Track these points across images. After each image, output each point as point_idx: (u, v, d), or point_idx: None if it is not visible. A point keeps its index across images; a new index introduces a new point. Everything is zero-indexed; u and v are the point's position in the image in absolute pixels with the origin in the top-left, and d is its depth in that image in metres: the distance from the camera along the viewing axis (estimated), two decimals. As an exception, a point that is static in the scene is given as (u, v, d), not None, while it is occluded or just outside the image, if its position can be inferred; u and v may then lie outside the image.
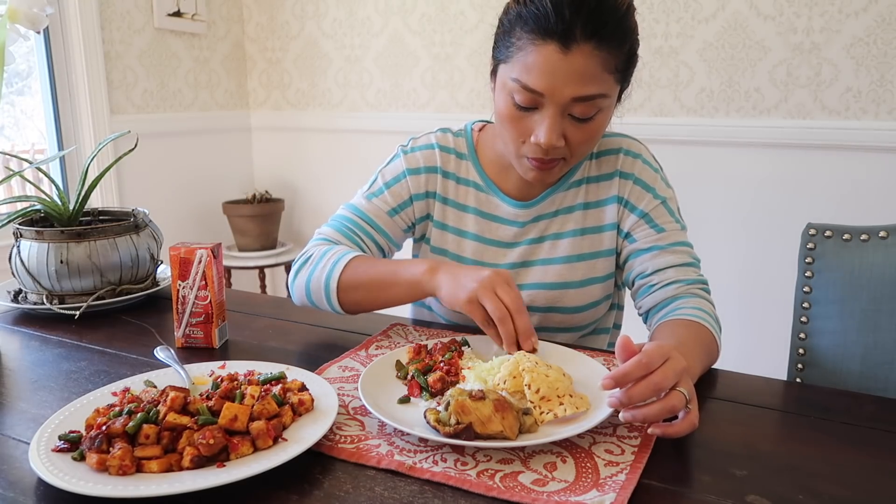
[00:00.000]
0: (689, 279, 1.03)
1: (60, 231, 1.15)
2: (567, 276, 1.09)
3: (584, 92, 0.91)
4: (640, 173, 1.08)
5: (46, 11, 0.99)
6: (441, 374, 0.83)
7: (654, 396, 0.70)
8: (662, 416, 0.70)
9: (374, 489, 0.64)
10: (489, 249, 1.13)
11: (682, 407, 0.71)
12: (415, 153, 1.15)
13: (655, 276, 1.04)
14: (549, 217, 1.11)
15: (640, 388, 0.69)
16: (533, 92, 0.92)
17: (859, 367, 1.12)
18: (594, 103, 0.93)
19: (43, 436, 0.69)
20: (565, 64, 0.89)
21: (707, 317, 0.96)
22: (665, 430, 0.71)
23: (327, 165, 3.04)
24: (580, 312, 1.11)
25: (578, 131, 0.95)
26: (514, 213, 1.11)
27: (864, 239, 1.12)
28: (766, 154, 2.20)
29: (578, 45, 0.89)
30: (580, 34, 0.88)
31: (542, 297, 1.10)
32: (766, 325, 2.20)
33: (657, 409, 0.69)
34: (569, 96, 0.91)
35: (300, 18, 2.94)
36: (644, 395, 0.69)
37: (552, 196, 1.10)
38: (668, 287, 1.02)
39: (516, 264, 1.11)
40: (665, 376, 0.70)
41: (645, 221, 1.07)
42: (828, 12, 2.04)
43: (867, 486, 0.66)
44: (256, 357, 0.97)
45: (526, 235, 1.11)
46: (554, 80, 0.90)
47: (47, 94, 2.39)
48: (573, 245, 1.10)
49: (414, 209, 1.15)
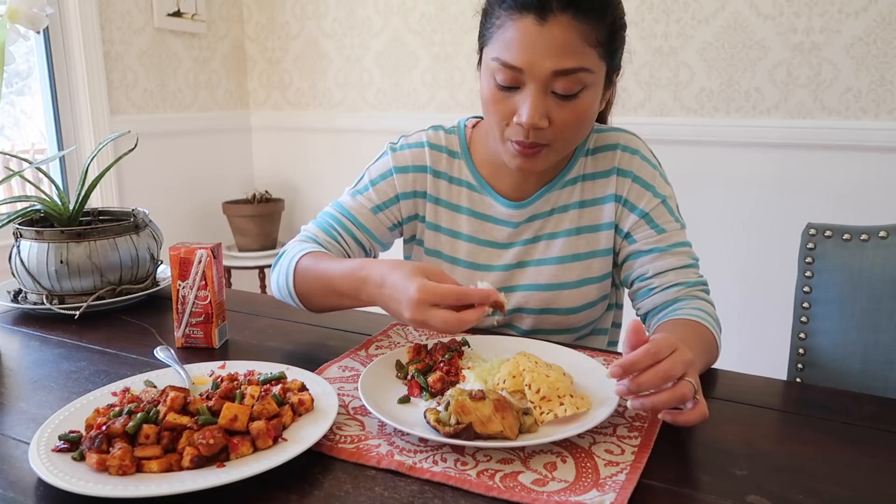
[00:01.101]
0: (690, 282, 1.02)
1: (60, 231, 1.15)
2: (561, 276, 1.08)
3: (564, 65, 0.89)
4: (638, 170, 1.06)
5: (46, 11, 0.99)
6: (441, 374, 0.83)
7: (663, 385, 0.70)
8: (672, 404, 0.70)
9: (374, 489, 0.64)
10: (483, 250, 1.11)
11: (691, 396, 0.71)
12: (403, 151, 1.13)
13: (655, 280, 1.03)
14: (543, 216, 1.09)
15: (649, 376, 0.69)
16: (512, 68, 0.90)
17: (859, 367, 1.12)
18: (576, 78, 0.90)
19: (43, 436, 0.69)
20: (543, 36, 0.88)
21: (707, 317, 0.96)
22: (676, 418, 0.71)
23: (327, 165, 3.03)
24: (576, 314, 1.10)
25: (563, 111, 0.93)
26: (507, 213, 1.09)
27: (864, 239, 1.12)
28: (766, 154, 2.20)
29: (555, 16, 0.88)
30: (556, 5, 0.87)
31: (536, 299, 1.09)
32: (766, 325, 2.20)
33: (667, 397, 0.70)
34: (549, 70, 0.89)
35: (300, 18, 2.94)
36: (653, 384, 0.70)
37: (547, 195, 1.09)
38: (669, 290, 1.02)
39: (511, 265, 1.10)
40: (674, 365, 0.70)
41: (645, 221, 1.05)
42: (828, 12, 2.04)
43: (867, 486, 0.66)
44: (256, 357, 0.96)
45: (520, 236, 1.10)
46: (532, 54, 0.89)
47: (47, 94, 2.39)
48: (568, 245, 1.08)
49: (400, 208, 1.13)
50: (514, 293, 1.10)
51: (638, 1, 2.28)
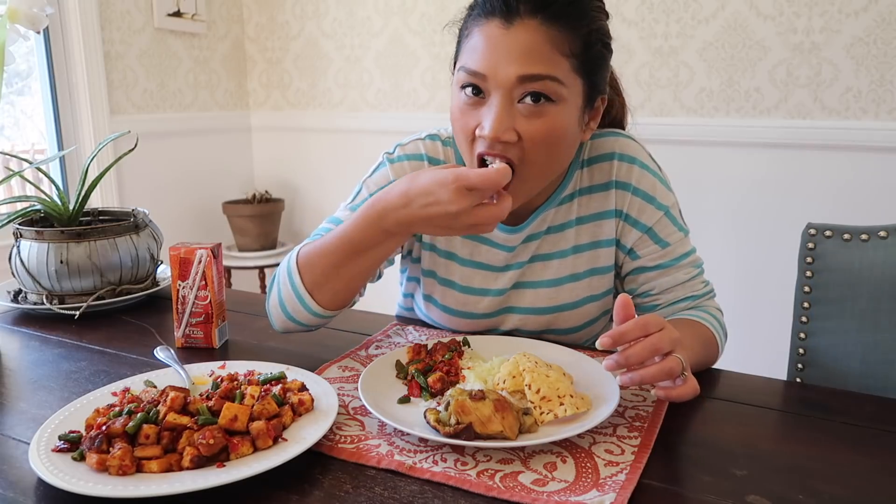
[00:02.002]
0: (696, 294, 1.01)
1: (60, 231, 1.15)
2: (560, 298, 1.03)
3: (529, 70, 0.82)
4: (638, 182, 0.99)
5: (46, 11, 0.99)
6: (441, 374, 0.83)
7: (651, 358, 0.71)
8: (660, 378, 0.71)
9: (374, 489, 0.64)
10: (478, 274, 1.05)
11: (679, 371, 0.72)
12: (402, 162, 1.04)
13: (662, 297, 1.02)
14: (539, 237, 1.02)
15: (638, 348, 0.71)
16: (475, 75, 0.84)
17: (859, 367, 1.12)
18: (544, 85, 0.83)
19: (43, 436, 0.69)
20: (507, 39, 0.83)
21: (710, 319, 0.97)
22: (668, 393, 0.72)
23: (327, 165, 3.04)
24: (576, 332, 1.07)
25: (530, 125, 0.84)
26: (503, 237, 1.02)
27: (864, 239, 1.12)
28: (766, 154, 2.20)
29: (522, 20, 0.82)
30: (524, 9, 0.82)
31: (534, 322, 1.05)
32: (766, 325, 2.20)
33: (655, 371, 0.71)
34: (513, 76, 0.82)
35: (300, 18, 2.94)
36: (641, 356, 0.70)
37: (542, 215, 1.01)
38: (676, 305, 1.01)
39: (507, 289, 1.04)
40: (661, 339, 0.71)
41: (649, 237, 1.00)
42: (828, 12, 2.04)
43: (867, 486, 0.66)
44: (256, 357, 0.96)
45: (516, 259, 1.03)
46: (496, 59, 0.83)
47: (47, 94, 2.39)
48: (566, 265, 1.03)
49: None
50: (511, 315, 1.06)
51: (638, 1, 2.28)
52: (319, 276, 0.90)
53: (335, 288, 0.91)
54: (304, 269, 0.91)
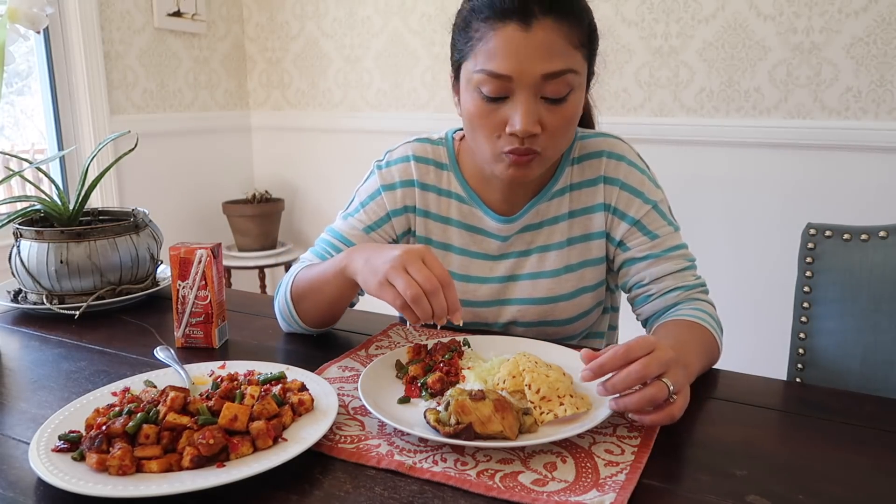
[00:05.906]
0: (688, 285, 1.02)
1: (60, 231, 1.15)
2: (557, 289, 1.07)
3: (552, 67, 0.88)
4: (625, 177, 1.05)
5: (46, 11, 0.99)
6: (441, 374, 0.83)
7: (636, 386, 0.71)
8: (641, 405, 0.71)
9: (374, 489, 0.64)
10: (475, 262, 1.10)
11: (662, 397, 0.71)
12: (390, 168, 1.11)
13: (653, 286, 1.03)
14: (534, 229, 1.08)
15: (620, 377, 0.71)
16: (500, 77, 0.89)
17: (859, 367, 1.12)
18: (565, 80, 0.90)
19: (43, 436, 0.69)
20: (529, 41, 0.88)
21: (706, 317, 0.96)
22: (641, 419, 0.72)
23: (327, 165, 3.04)
24: (572, 323, 1.09)
25: (554, 115, 0.91)
26: (497, 227, 1.08)
27: (864, 239, 1.12)
28: (765, 154, 2.20)
29: (538, 21, 0.87)
30: (538, 10, 0.87)
31: (532, 312, 1.08)
32: (766, 325, 2.20)
33: (637, 399, 0.71)
34: (538, 74, 0.88)
35: (300, 18, 2.94)
36: (625, 385, 0.71)
37: (536, 207, 1.07)
38: (668, 295, 1.02)
39: (504, 278, 1.09)
40: (646, 365, 0.70)
41: (637, 229, 1.04)
42: (828, 12, 2.04)
43: (867, 486, 0.66)
44: (256, 357, 0.96)
45: (512, 248, 1.09)
46: (520, 61, 0.88)
47: (47, 94, 2.39)
48: (561, 257, 1.07)
49: (393, 225, 1.11)
50: (509, 306, 1.09)
51: (638, 1, 2.28)
52: (303, 300, 1.01)
53: (314, 313, 1.01)
54: (294, 292, 1.01)
